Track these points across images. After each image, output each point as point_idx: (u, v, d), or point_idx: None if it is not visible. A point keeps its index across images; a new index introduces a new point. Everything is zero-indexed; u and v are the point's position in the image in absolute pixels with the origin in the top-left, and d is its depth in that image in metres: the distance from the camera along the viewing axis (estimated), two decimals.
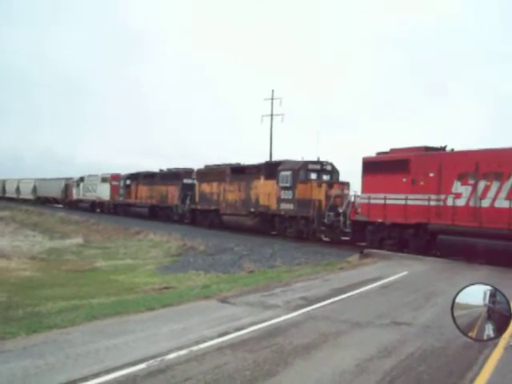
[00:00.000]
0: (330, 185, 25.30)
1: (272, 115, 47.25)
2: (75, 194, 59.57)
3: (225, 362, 6.32)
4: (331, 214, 23.75)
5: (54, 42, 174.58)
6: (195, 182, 36.45)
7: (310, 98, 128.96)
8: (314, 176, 26.09)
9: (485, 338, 2.81)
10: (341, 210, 23.47)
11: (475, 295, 2.80)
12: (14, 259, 22.15)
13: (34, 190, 72.80)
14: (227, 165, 33.07)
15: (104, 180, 52.66)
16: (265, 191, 28.01)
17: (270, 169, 27.97)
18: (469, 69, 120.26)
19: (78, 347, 6.86)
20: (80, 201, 58.29)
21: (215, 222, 33.33)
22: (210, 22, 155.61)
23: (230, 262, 20.10)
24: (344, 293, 11.67)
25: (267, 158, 44.49)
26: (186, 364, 6.24)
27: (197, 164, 61.21)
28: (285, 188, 26.34)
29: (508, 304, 2.73)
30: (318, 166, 26.44)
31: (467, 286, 2.86)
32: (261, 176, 28.60)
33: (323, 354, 6.88)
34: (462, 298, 2.84)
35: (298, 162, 26.46)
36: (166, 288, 14.17)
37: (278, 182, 26.90)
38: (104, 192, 52.11)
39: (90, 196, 55.62)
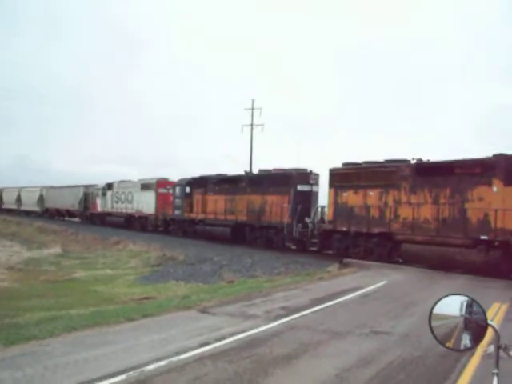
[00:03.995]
0: None
1: (252, 125, 47.45)
2: (100, 206, 47.66)
3: (205, 373, 6.31)
4: None
5: (33, 47, 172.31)
6: (319, 188, 25.99)
7: (289, 109, 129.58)
8: None
9: (462, 347, 2.87)
10: None
11: (452, 306, 2.86)
12: None
13: (41, 200, 61.83)
14: (400, 161, 20.93)
15: (145, 187, 40.82)
16: (506, 205, 17.03)
17: None
18: (442, 81, 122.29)
19: (57, 359, 6.79)
20: (108, 214, 46.59)
21: (377, 252, 21.34)
22: (194, 31, 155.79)
23: (210, 272, 20.06)
24: (324, 302, 11.75)
25: (247, 168, 43.30)
26: (166, 375, 6.22)
27: (178, 174, 59.41)
28: None
29: (484, 314, 2.81)
30: None
31: (444, 297, 2.93)
32: (493, 179, 17.53)
33: (303, 363, 6.92)
34: (439, 309, 2.90)
35: None
36: (145, 298, 14.09)
37: None
38: (146, 203, 40.15)
39: (124, 208, 43.78)
